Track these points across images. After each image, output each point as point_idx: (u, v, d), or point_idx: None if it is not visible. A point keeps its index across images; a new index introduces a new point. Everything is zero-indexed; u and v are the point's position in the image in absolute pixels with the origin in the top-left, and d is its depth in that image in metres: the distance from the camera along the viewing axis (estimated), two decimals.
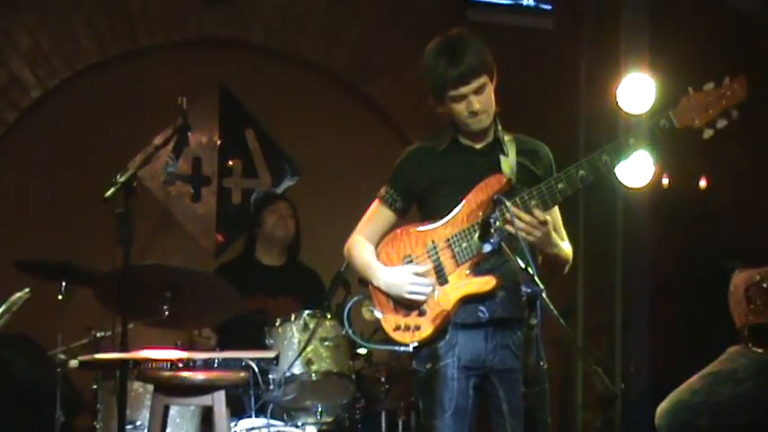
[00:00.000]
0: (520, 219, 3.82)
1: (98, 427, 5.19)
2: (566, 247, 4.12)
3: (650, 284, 7.70)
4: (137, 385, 5.15)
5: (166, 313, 4.80)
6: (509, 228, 3.77)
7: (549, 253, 3.99)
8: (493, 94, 4.05)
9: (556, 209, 4.10)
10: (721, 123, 3.94)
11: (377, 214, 4.19)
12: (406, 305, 4.03)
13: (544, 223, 3.88)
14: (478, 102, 3.99)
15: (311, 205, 6.84)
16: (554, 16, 7.40)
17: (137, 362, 4.61)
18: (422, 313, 4.02)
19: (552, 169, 4.13)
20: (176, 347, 5.12)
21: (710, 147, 4.03)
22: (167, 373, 4.67)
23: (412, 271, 4.02)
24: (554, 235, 3.98)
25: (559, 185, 3.93)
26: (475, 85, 3.97)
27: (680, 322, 7.75)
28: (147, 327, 4.93)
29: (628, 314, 7.53)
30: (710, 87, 3.95)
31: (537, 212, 3.87)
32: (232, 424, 4.90)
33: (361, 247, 4.16)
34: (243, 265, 6.32)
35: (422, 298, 4.00)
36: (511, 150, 4.08)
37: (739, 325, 4.51)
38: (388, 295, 4.05)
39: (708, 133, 3.94)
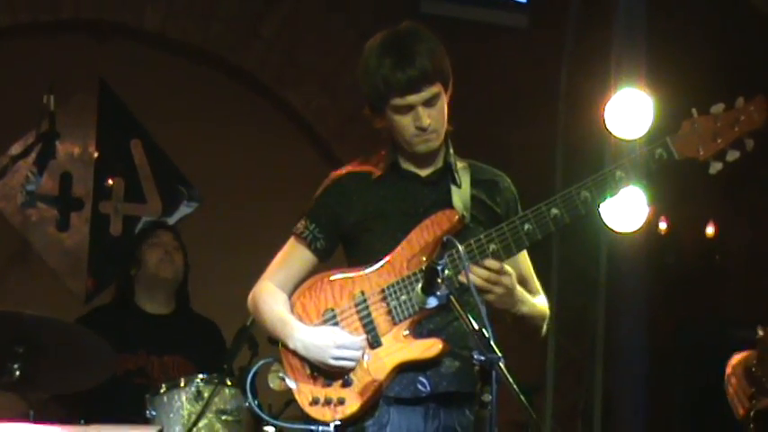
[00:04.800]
0: (474, 272, 3.81)
1: None
2: (539, 303, 4.14)
3: (640, 356, 7.75)
4: None
5: (17, 374, 4.77)
6: (461, 279, 3.77)
7: (515, 313, 3.98)
8: (446, 110, 4.07)
9: (524, 254, 4.13)
10: (732, 155, 3.97)
11: (292, 255, 4.17)
12: (328, 373, 4.01)
13: (504, 274, 3.88)
14: (428, 116, 3.98)
15: (211, 240, 6.84)
16: (529, 12, 7.48)
17: None
18: (347, 383, 4.00)
19: (516, 206, 4.16)
20: (28, 419, 5.07)
21: (720, 184, 4.07)
22: None
23: (338, 329, 3.99)
24: (519, 290, 3.98)
25: (526, 226, 3.95)
26: (426, 94, 3.97)
27: (677, 405, 7.81)
28: None
29: (611, 394, 7.57)
30: (720, 110, 3.99)
31: (492, 263, 3.86)
32: None
33: (272, 296, 4.13)
34: (120, 312, 6.22)
35: (351, 365, 3.98)
36: (464, 180, 4.10)
37: (742, 415, 4.51)
38: (304, 359, 4.03)
39: (715, 167, 3.98)
